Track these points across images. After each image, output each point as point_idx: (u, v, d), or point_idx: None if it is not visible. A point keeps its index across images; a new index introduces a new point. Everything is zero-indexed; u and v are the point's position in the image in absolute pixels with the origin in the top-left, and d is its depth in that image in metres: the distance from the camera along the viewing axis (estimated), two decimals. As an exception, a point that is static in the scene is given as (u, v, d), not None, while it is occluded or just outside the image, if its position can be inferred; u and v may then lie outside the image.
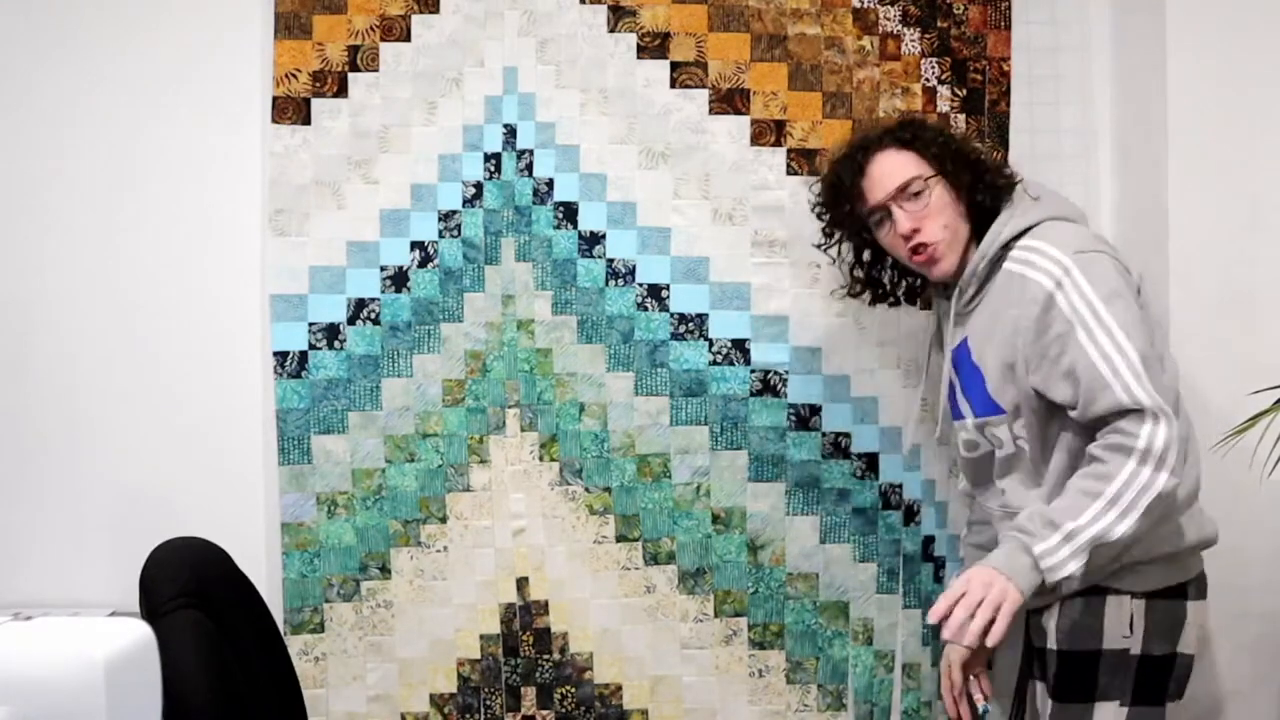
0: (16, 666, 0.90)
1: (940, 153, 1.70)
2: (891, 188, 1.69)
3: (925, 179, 1.68)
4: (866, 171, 1.71)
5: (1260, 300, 1.98)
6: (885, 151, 1.71)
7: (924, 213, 1.67)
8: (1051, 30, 2.15)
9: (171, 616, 1.27)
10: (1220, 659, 1.98)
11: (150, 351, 2.08)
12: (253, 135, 2.07)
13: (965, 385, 1.71)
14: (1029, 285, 1.59)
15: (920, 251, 1.69)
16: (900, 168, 1.69)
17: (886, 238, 1.73)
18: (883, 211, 1.70)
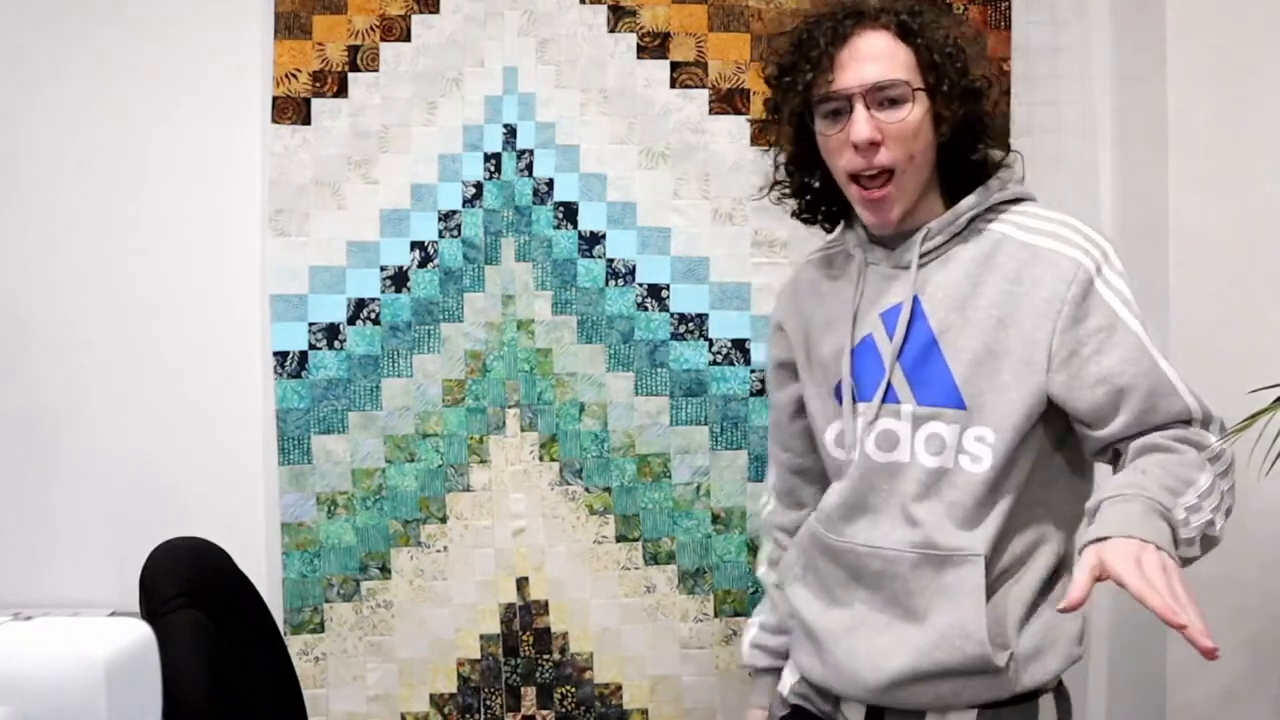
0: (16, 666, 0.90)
1: (944, 69, 1.31)
2: (869, 78, 1.29)
3: (914, 88, 1.30)
4: (848, 43, 1.31)
5: (1260, 300, 1.98)
6: (878, 32, 1.32)
7: (895, 128, 1.29)
8: (1051, 30, 2.14)
9: (171, 616, 1.27)
10: (1220, 659, 1.98)
11: (150, 351, 2.08)
12: (253, 135, 2.07)
13: (908, 360, 1.33)
14: (1060, 261, 1.29)
15: (869, 181, 1.31)
16: (889, 58, 1.30)
17: (831, 140, 1.32)
18: (842, 102, 1.30)
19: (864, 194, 1.32)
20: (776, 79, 1.39)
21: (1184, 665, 2.00)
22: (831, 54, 1.31)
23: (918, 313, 1.33)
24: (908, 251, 1.35)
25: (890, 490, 1.33)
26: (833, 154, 1.34)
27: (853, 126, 1.29)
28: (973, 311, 1.30)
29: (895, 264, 1.36)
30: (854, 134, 1.29)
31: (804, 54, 1.34)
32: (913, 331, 1.32)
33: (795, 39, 1.36)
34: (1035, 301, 1.28)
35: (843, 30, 1.32)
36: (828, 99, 1.32)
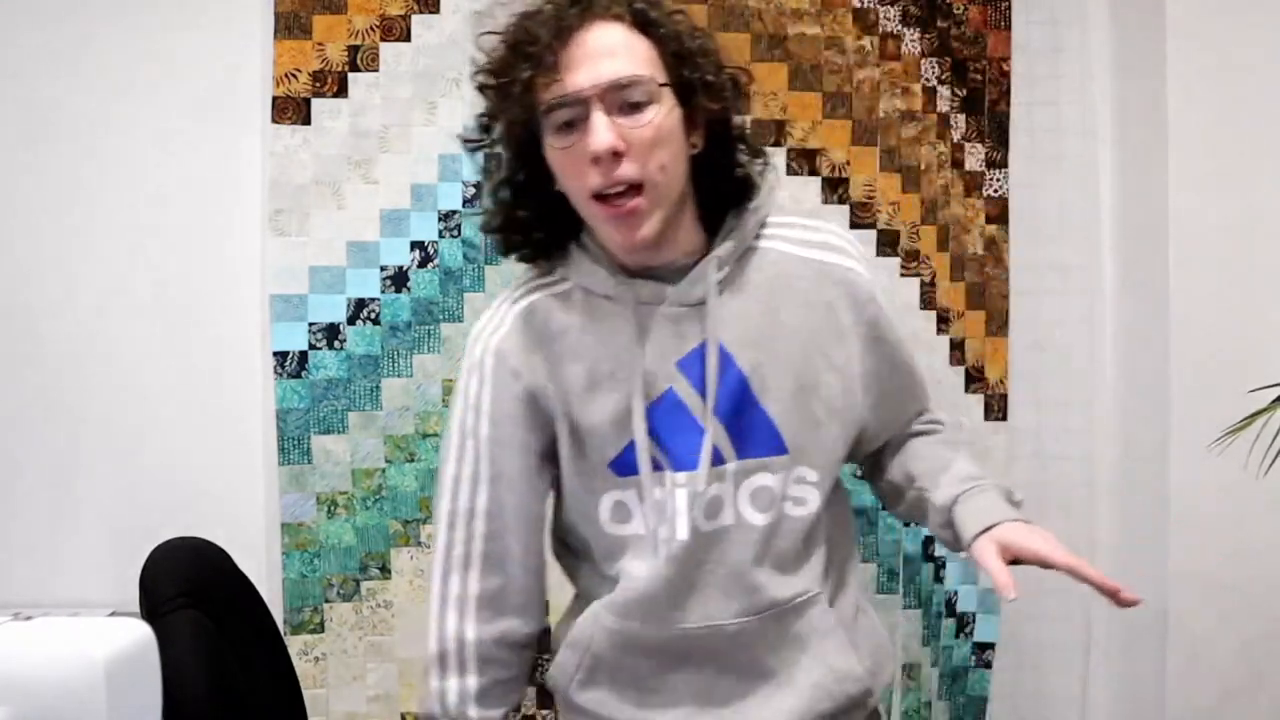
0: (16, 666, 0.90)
1: (692, 63, 1.10)
2: (605, 75, 1.05)
3: (659, 85, 1.08)
4: (576, 37, 1.07)
5: (1259, 300, 1.98)
6: (611, 23, 1.08)
7: (641, 134, 1.06)
8: (1051, 30, 2.14)
9: (171, 617, 1.26)
10: (1220, 658, 1.98)
11: (150, 351, 2.08)
12: (253, 135, 2.07)
13: (723, 412, 1.13)
14: (851, 278, 1.18)
15: (615, 199, 1.07)
16: (627, 52, 1.07)
17: (564, 155, 1.08)
18: (576, 108, 1.06)
19: (610, 210, 1.08)
20: (487, 85, 1.11)
21: (1184, 665, 2.00)
22: (557, 50, 1.06)
23: (725, 356, 1.13)
24: (696, 286, 1.12)
25: (720, 560, 1.14)
26: (568, 171, 1.09)
27: (591, 135, 1.05)
28: (777, 344, 1.14)
29: (681, 301, 1.13)
30: (593, 144, 1.04)
31: (521, 52, 1.07)
32: (723, 378, 1.12)
33: (509, 35, 1.10)
34: (838, 325, 1.16)
35: (568, 22, 1.07)
36: (557, 105, 1.06)
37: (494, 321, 1.19)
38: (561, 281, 1.18)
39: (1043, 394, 2.17)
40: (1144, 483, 2.10)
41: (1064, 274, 2.16)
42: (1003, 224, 2.16)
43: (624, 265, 1.14)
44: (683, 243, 1.14)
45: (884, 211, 2.11)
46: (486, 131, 1.14)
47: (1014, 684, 2.19)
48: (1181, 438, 1.98)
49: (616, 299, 1.14)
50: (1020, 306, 2.16)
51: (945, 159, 2.14)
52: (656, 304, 1.13)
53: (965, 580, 2.16)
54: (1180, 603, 2.00)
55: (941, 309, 2.14)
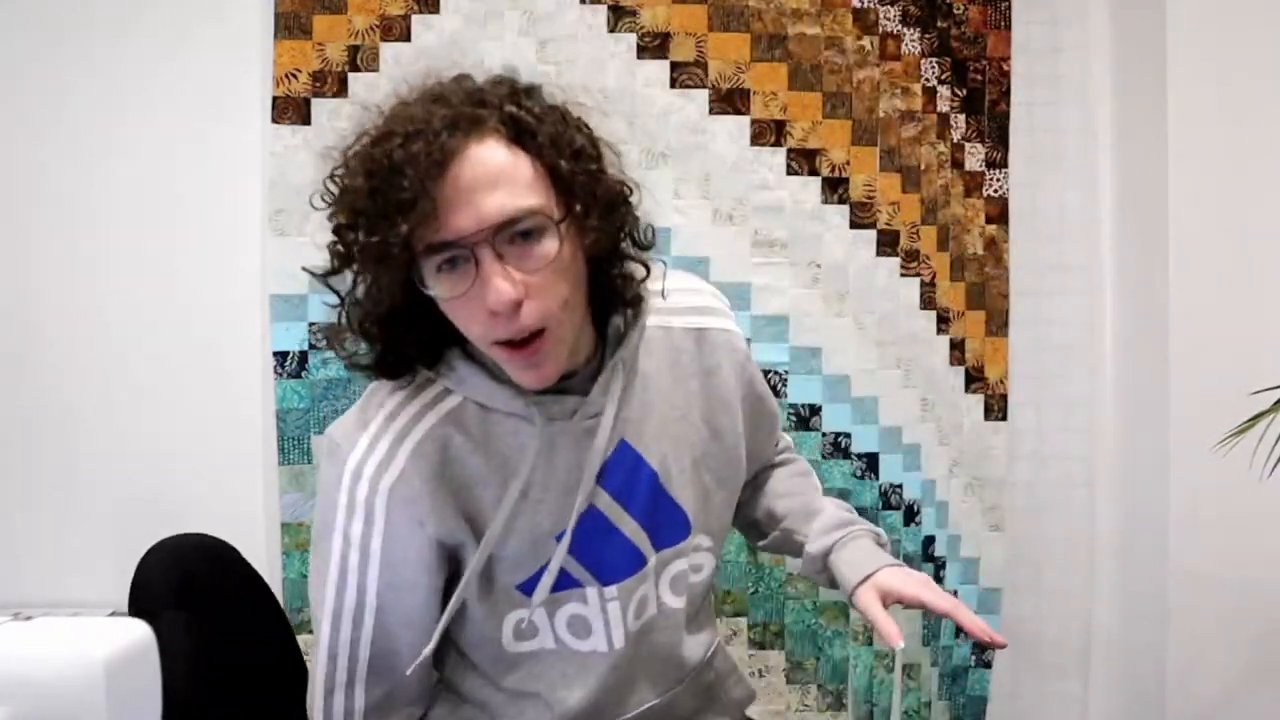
0: (16, 666, 0.90)
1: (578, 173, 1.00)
2: (491, 214, 0.94)
3: (549, 217, 0.97)
4: (450, 168, 0.93)
5: (1260, 300, 1.98)
6: (484, 143, 0.96)
7: (540, 277, 0.96)
8: (1051, 30, 2.15)
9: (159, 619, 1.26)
10: (1220, 658, 1.98)
11: (150, 351, 2.08)
12: (253, 135, 2.07)
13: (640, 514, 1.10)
14: (726, 339, 1.18)
15: (520, 345, 0.99)
16: (510, 178, 0.95)
17: (456, 305, 0.97)
18: (460, 250, 0.94)
19: (514, 355, 0.99)
20: (348, 228, 0.96)
21: (1184, 665, 2.00)
22: (432, 188, 0.92)
23: (634, 457, 1.09)
24: (601, 395, 1.08)
25: (651, 651, 1.15)
26: (461, 318, 0.98)
27: (487, 289, 0.94)
28: (675, 427, 1.12)
29: (593, 413, 1.07)
30: (491, 299, 0.94)
31: (389, 194, 0.92)
32: (637, 480, 1.09)
33: (366, 169, 0.96)
34: (723, 392, 1.16)
35: (440, 151, 0.93)
36: (438, 249, 0.94)
37: (377, 456, 1.05)
38: (446, 395, 1.07)
39: (1043, 394, 2.17)
40: (1144, 483, 2.10)
41: (1064, 274, 2.16)
42: (1003, 224, 2.16)
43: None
44: (579, 350, 1.07)
45: (884, 211, 2.11)
46: (346, 266, 1.00)
47: (1014, 684, 2.19)
48: (1182, 438, 1.98)
49: (523, 417, 1.06)
50: (1020, 306, 2.16)
51: (945, 159, 2.14)
52: (565, 419, 1.06)
53: (965, 580, 2.16)
54: (1180, 603, 2.00)
55: (941, 309, 2.14)
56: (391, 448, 1.05)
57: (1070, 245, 2.16)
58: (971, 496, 2.16)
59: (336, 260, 1.00)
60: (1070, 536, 2.17)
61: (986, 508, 2.16)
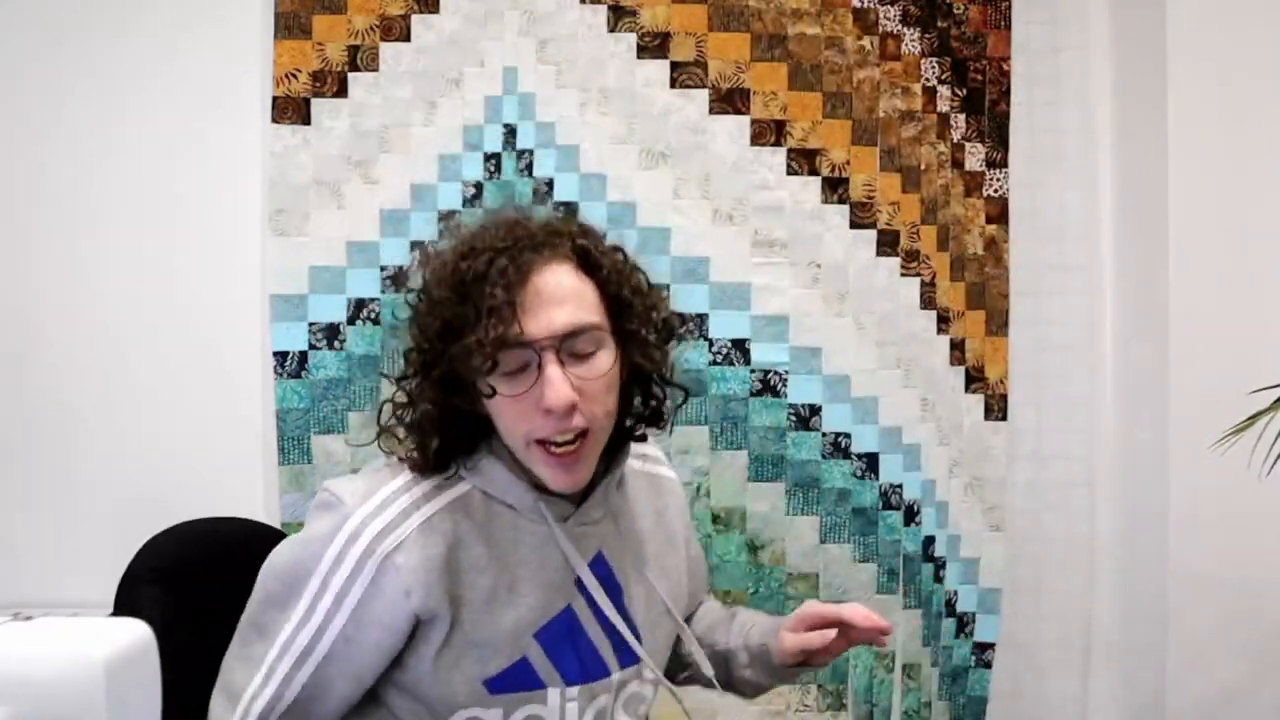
0: (16, 666, 0.90)
1: (635, 305, 1.12)
2: (559, 325, 1.05)
3: (608, 335, 1.09)
4: (529, 282, 1.06)
5: (1260, 300, 1.98)
6: (558, 265, 1.08)
7: (593, 385, 1.07)
8: (1051, 30, 2.15)
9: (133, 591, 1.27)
10: (1220, 659, 1.98)
11: (150, 351, 2.08)
12: (253, 135, 2.07)
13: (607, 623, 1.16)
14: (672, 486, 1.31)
15: (564, 447, 1.08)
16: (576, 298, 1.07)
17: (512, 402, 1.07)
18: (526, 352, 1.05)
19: (554, 457, 1.08)
20: (440, 333, 1.07)
21: (1184, 665, 2.00)
22: (513, 298, 1.04)
23: (607, 571, 1.17)
24: (596, 507, 1.16)
25: None
26: (511, 415, 1.08)
27: (547, 389, 1.04)
28: (638, 558, 1.21)
29: (584, 520, 1.16)
30: (551, 399, 1.04)
31: (477, 300, 1.04)
32: (608, 593, 1.16)
33: (456, 280, 1.07)
34: (670, 532, 1.27)
35: (521, 267, 1.05)
36: (509, 346, 1.04)
37: (382, 521, 1.09)
38: (458, 481, 1.14)
39: (1043, 394, 2.17)
40: (1144, 483, 2.10)
41: (1064, 274, 2.16)
42: (1003, 224, 2.16)
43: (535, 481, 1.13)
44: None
45: (884, 211, 2.11)
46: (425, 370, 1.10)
47: (1014, 684, 2.19)
48: (1181, 438, 1.98)
49: (527, 513, 1.13)
50: (1020, 306, 2.16)
51: (945, 159, 2.14)
52: (561, 521, 1.14)
53: (965, 580, 2.16)
54: (1180, 603, 2.00)
55: (941, 309, 2.14)
56: (399, 517, 1.10)
57: (1070, 245, 2.16)
58: (971, 496, 2.16)
59: (415, 368, 1.11)
60: (1070, 536, 2.17)
61: (986, 508, 2.16)
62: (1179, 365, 1.99)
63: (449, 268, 1.08)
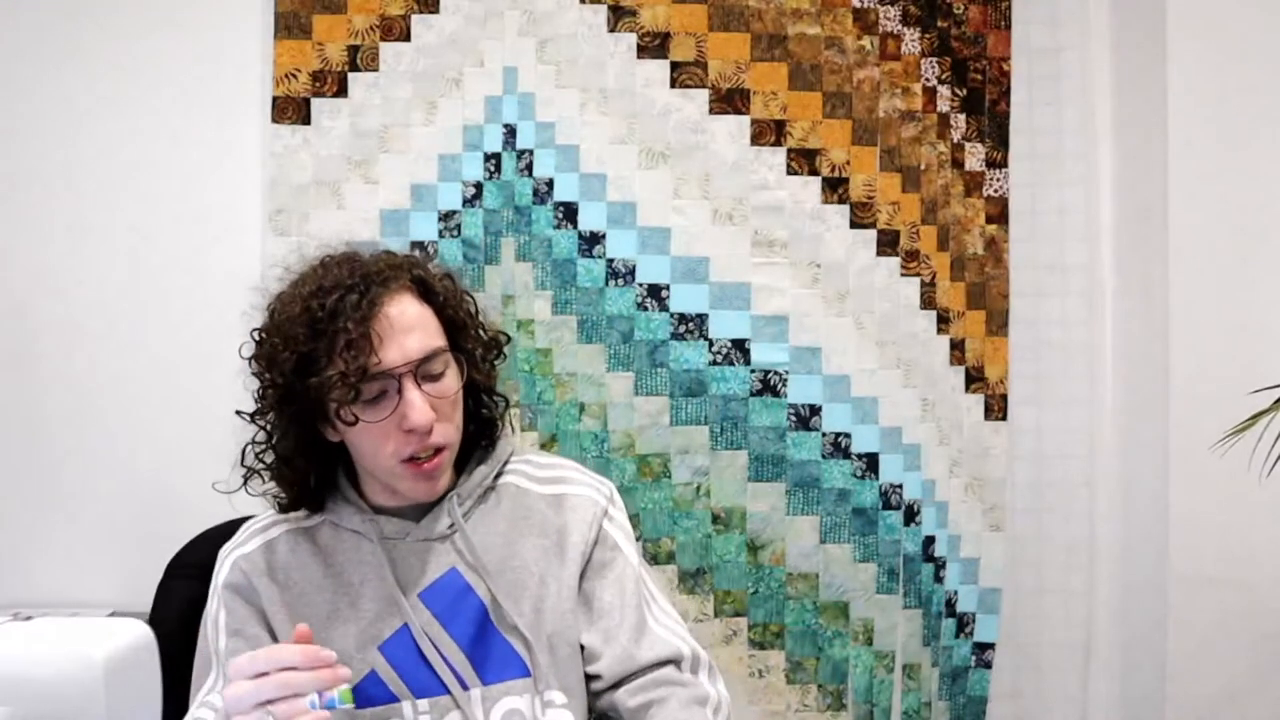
0: (16, 666, 0.90)
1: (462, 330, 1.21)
2: (414, 351, 1.14)
3: (451, 356, 1.18)
4: (379, 314, 1.13)
5: (1260, 300, 1.98)
6: (402, 295, 1.16)
7: (445, 404, 1.16)
8: (1051, 30, 2.14)
9: (174, 582, 1.37)
10: (1220, 658, 1.98)
11: (150, 351, 2.08)
12: (253, 135, 2.07)
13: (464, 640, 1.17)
14: (581, 504, 1.25)
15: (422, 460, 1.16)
16: (422, 325, 1.16)
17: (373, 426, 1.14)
18: (387, 382, 1.13)
19: (418, 469, 1.16)
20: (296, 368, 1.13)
21: (1184, 665, 2.00)
22: (368, 330, 1.12)
23: (463, 586, 1.19)
24: (439, 521, 1.20)
25: None
26: (374, 439, 1.15)
27: (410, 411, 1.12)
28: (515, 574, 1.20)
29: (423, 536, 1.20)
30: (413, 419, 1.12)
31: (330, 335, 1.11)
32: (463, 606, 1.18)
33: (306, 316, 1.14)
34: (565, 546, 1.22)
35: (369, 300, 1.13)
36: (370, 379, 1.12)
37: (237, 541, 1.25)
38: (309, 517, 1.24)
39: (1043, 394, 2.17)
40: (1144, 483, 2.10)
41: (1064, 274, 2.16)
42: (1003, 224, 2.16)
43: (373, 505, 1.22)
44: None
45: (884, 211, 2.11)
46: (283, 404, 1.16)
47: (1014, 684, 2.19)
48: (1181, 438, 1.98)
49: (364, 534, 1.20)
50: (1020, 306, 2.16)
51: (945, 159, 2.14)
52: (400, 539, 1.20)
53: (965, 580, 2.16)
54: (1180, 603, 2.00)
55: (941, 309, 2.14)
56: (248, 536, 1.25)
57: (1070, 245, 2.16)
58: (971, 496, 2.16)
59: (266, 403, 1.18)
60: (1070, 536, 2.17)
61: (986, 508, 2.16)
62: (1179, 365, 1.99)
63: (299, 305, 1.15)
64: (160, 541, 1.56)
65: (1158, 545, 2.04)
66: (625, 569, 1.25)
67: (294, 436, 1.19)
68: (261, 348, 1.17)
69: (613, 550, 1.25)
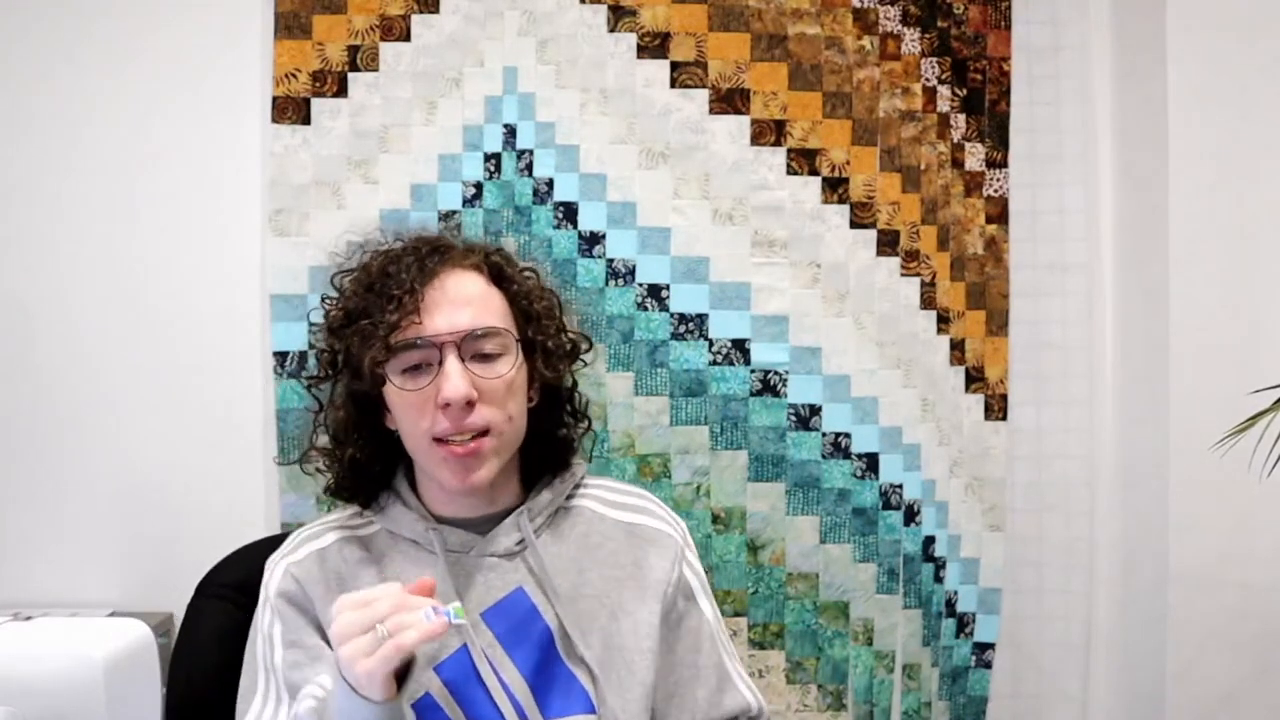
0: (16, 666, 0.90)
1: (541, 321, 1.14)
2: (463, 323, 1.07)
3: (513, 340, 1.10)
4: (434, 282, 1.08)
5: (1260, 300, 1.98)
6: (469, 272, 1.12)
7: (493, 384, 1.08)
8: (1051, 30, 2.15)
9: (202, 600, 1.28)
10: (1220, 659, 1.98)
11: (150, 351, 2.08)
12: (253, 135, 2.07)
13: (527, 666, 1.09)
14: (660, 539, 1.17)
15: (460, 443, 1.07)
16: (483, 302, 1.10)
17: (411, 397, 1.07)
18: (429, 350, 1.06)
19: (451, 452, 1.07)
20: (343, 324, 1.10)
21: (1184, 665, 2.00)
22: (417, 292, 1.07)
23: (529, 609, 1.10)
24: (507, 537, 1.12)
25: None
26: (411, 413, 1.08)
27: (445, 381, 1.05)
28: (584, 603, 1.12)
29: (489, 551, 1.12)
30: (447, 391, 1.05)
31: (381, 292, 1.08)
32: (529, 631, 1.10)
33: (365, 276, 1.11)
34: (643, 582, 1.14)
35: (429, 266, 1.09)
36: (410, 347, 1.06)
37: (286, 549, 1.16)
38: (367, 525, 1.17)
39: (1043, 394, 2.17)
40: (1144, 483, 2.10)
41: (1064, 274, 2.16)
42: (1003, 224, 2.16)
43: (435, 513, 1.14)
44: (501, 495, 1.15)
45: (884, 211, 2.11)
46: (333, 369, 1.12)
47: (1014, 684, 2.19)
48: (1181, 438, 1.98)
49: (424, 544, 1.12)
50: (1020, 306, 2.16)
51: (945, 159, 2.14)
52: (464, 552, 1.12)
53: (965, 580, 2.16)
54: (1180, 602, 2.00)
55: (941, 309, 2.14)
56: (299, 543, 1.16)
57: (1070, 245, 2.16)
58: (971, 496, 2.16)
59: (326, 364, 1.12)
60: (1070, 536, 2.17)
61: (986, 508, 2.16)
62: (1179, 365, 1.99)
63: (362, 268, 1.12)
64: (160, 542, 1.57)
65: (1158, 545, 2.04)
66: (705, 617, 1.18)
67: (349, 415, 1.13)
68: (325, 312, 1.14)
69: (690, 598, 1.18)
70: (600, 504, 1.19)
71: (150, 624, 1.03)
